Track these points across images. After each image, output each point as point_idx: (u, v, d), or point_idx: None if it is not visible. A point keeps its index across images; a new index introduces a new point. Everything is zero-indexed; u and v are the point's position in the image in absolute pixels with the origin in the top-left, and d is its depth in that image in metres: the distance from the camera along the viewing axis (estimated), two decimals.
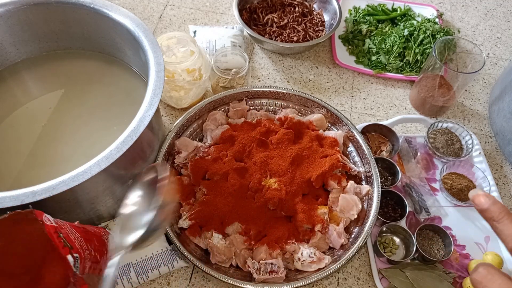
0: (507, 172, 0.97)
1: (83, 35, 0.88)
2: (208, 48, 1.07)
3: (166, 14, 1.23)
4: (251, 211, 0.78)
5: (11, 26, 0.82)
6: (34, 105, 0.85)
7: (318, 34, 1.13)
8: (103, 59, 0.91)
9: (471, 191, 0.46)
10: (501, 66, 1.19)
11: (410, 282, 0.77)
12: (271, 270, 0.73)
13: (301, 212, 0.78)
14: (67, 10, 0.82)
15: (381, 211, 0.85)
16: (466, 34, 1.27)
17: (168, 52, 0.93)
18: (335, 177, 0.83)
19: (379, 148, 0.95)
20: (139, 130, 0.65)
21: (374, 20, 1.20)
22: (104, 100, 0.86)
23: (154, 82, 0.71)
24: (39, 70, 0.89)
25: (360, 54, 1.14)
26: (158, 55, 0.74)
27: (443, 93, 0.99)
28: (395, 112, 1.05)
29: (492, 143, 1.02)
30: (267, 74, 1.10)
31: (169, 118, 0.99)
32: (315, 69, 1.12)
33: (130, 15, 0.80)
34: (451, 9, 1.33)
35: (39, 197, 0.57)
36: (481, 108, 1.09)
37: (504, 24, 1.30)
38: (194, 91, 0.93)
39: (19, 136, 0.80)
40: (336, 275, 0.81)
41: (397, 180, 0.87)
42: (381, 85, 1.10)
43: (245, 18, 1.13)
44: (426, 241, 0.82)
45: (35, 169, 0.76)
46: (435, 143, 0.95)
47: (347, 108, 1.05)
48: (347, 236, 0.79)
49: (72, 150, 0.79)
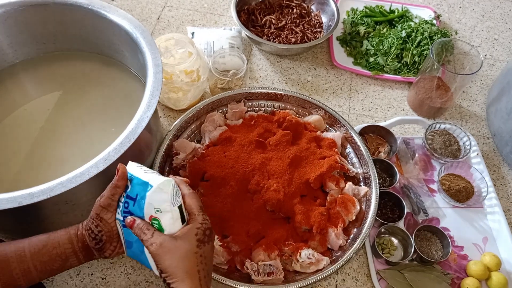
0: (504, 173, 0.97)
1: (81, 37, 0.87)
2: (206, 50, 1.07)
3: (164, 15, 1.23)
4: (250, 212, 0.78)
5: (9, 28, 0.82)
6: (32, 106, 0.85)
7: (316, 35, 1.13)
8: (101, 60, 0.91)
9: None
10: (499, 67, 1.19)
11: (408, 283, 0.77)
12: (269, 272, 0.73)
13: (300, 213, 0.78)
14: (65, 12, 0.82)
15: (379, 212, 0.85)
16: (464, 35, 1.27)
17: (166, 53, 0.93)
18: (333, 178, 0.83)
19: (377, 149, 0.95)
20: (137, 131, 0.65)
21: (372, 22, 1.20)
22: (102, 101, 0.86)
23: (152, 83, 0.71)
24: (37, 71, 0.89)
25: (358, 56, 1.14)
26: (156, 57, 0.74)
27: (440, 95, 1.00)
28: (393, 114, 1.05)
29: (490, 144, 1.02)
30: (265, 75, 1.10)
31: (167, 120, 0.99)
32: (313, 71, 1.12)
33: (128, 16, 0.79)
34: (449, 11, 1.33)
35: (37, 199, 0.57)
36: (478, 109, 1.09)
37: (501, 26, 1.30)
38: (192, 93, 0.93)
39: (16, 137, 0.80)
40: (335, 276, 0.81)
41: (395, 181, 0.87)
42: (379, 86, 1.11)
43: (243, 20, 1.13)
44: (424, 242, 0.83)
45: (33, 171, 0.76)
46: (433, 144, 0.95)
47: (345, 109, 1.05)
48: (345, 238, 0.79)
49: (70, 151, 0.79)
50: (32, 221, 0.67)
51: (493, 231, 0.87)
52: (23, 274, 0.53)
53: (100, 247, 0.55)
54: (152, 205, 0.52)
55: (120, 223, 0.55)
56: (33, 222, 0.67)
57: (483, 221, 0.88)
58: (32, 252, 0.53)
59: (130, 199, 0.54)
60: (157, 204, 0.52)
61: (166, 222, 0.52)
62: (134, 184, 0.54)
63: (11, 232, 0.73)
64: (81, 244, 0.56)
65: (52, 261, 0.54)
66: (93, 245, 0.55)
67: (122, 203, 0.55)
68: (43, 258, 0.53)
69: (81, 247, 0.56)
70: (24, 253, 0.53)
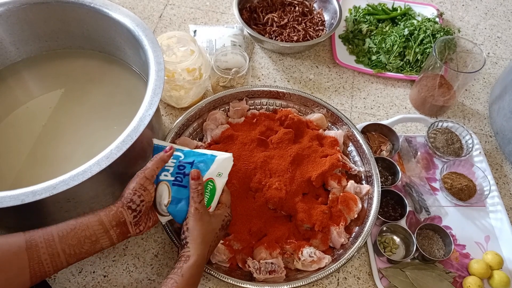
0: (507, 172, 0.97)
1: (83, 34, 0.87)
2: (208, 48, 1.07)
3: (166, 13, 1.23)
4: (251, 210, 0.78)
5: (11, 25, 0.82)
6: (34, 104, 0.85)
7: (318, 33, 1.13)
8: (103, 58, 0.91)
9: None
10: (502, 65, 1.19)
11: (410, 281, 0.77)
12: (271, 270, 0.73)
13: (301, 211, 0.78)
14: (67, 9, 0.82)
15: (381, 211, 0.85)
16: (467, 33, 1.26)
17: (168, 51, 0.93)
18: (335, 176, 0.83)
19: (379, 147, 0.95)
20: (139, 129, 0.65)
21: (374, 20, 1.20)
22: (104, 99, 0.86)
23: (154, 81, 0.71)
24: (39, 69, 0.89)
25: (360, 54, 1.14)
26: (158, 55, 0.74)
27: (443, 93, 0.99)
28: (395, 112, 1.05)
29: (492, 143, 1.02)
30: (267, 73, 1.10)
31: (169, 118, 0.99)
32: (315, 69, 1.12)
33: (130, 14, 0.79)
34: (452, 9, 1.33)
35: (39, 197, 0.57)
36: (481, 107, 1.08)
37: (504, 24, 1.30)
38: (194, 91, 0.93)
39: (19, 135, 0.80)
40: (336, 274, 0.81)
41: (397, 179, 0.87)
42: (381, 84, 1.10)
43: (245, 18, 1.13)
44: (426, 240, 0.82)
45: (35, 169, 0.76)
46: (435, 142, 0.95)
47: (347, 107, 1.05)
48: (347, 236, 0.79)
49: (72, 149, 0.79)
50: (34, 218, 0.67)
51: (495, 229, 0.87)
52: (52, 259, 0.54)
53: (137, 220, 0.61)
54: (217, 169, 0.66)
55: (169, 183, 0.65)
56: (35, 219, 0.67)
57: (485, 219, 0.88)
58: (60, 236, 0.55)
59: (186, 164, 0.66)
60: (221, 169, 0.66)
61: (219, 185, 0.67)
62: (187, 153, 0.67)
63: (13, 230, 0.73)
64: (115, 223, 0.59)
65: (81, 244, 0.56)
66: (131, 219, 0.60)
67: (173, 167, 0.66)
68: (72, 241, 0.55)
69: (115, 225, 0.59)
70: (52, 237, 0.54)
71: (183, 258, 0.62)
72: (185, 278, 0.59)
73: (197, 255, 0.62)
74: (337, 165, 0.83)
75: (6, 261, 0.50)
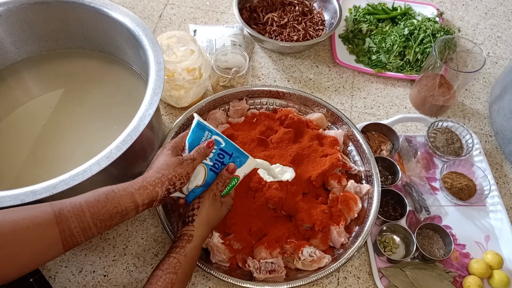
0: (507, 171, 0.97)
1: (83, 34, 0.88)
2: (208, 47, 1.07)
3: (166, 13, 1.23)
4: (251, 210, 0.78)
5: (11, 26, 0.82)
6: (34, 104, 0.85)
7: (318, 33, 1.13)
8: (103, 58, 0.91)
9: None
10: (502, 65, 1.19)
11: (410, 281, 0.77)
12: (271, 269, 0.73)
13: (301, 211, 0.78)
14: (67, 9, 0.82)
15: (381, 210, 0.85)
16: (467, 33, 1.26)
17: (168, 51, 0.93)
18: (335, 176, 0.83)
19: (379, 147, 0.95)
20: (139, 129, 0.65)
21: (374, 19, 1.20)
22: (104, 99, 0.86)
23: (154, 81, 0.71)
24: (39, 69, 0.89)
25: (360, 53, 1.14)
26: (158, 54, 0.74)
27: (443, 92, 0.99)
28: (395, 111, 1.05)
29: (492, 142, 1.02)
30: (267, 73, 1.10)
31: (169, 117, 0.99)
32: (315, 68, 1.12)
33: (130, 14, 0.80)
34: (452, 8, 1.33)
35: (39, 196, 0.57)
36: (481, 107, 1.08)
37: (504, 23, 1.30)
38: (194, 90, 0.93)
39: (19, 135, 0.80)
40: (336, 274, 0.81)
41: (397, 179, 0.87)
42: (381, 84, 1.10)
43: (245, 17, 1.13)
44: (426, 240, 0.82)
45: (35, 168, 0.76)
46: (435, 142, 0.95)
47: (347, 107, 1.05)
48: (347, 235, 0.79)
49: (72, 149, 0.79)
50: None
51: (495, 229, 0.87)
52: (83, 231, 0.54)
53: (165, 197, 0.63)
54: (245, 170, 0.70)
55: (207, 167, 0.67)
56: None
57: (485, 219, 0.88)
58: (91, 212, 0.55)
59: (226, 153, 0.68)
60: (247, 170, 0.70)
61: (239, 182, 0.71)
62: (227, 142, 0.67)
63: None
64: (148, 201, 0.59)
65: (112, 218, 0.57)
66: (162, 197, 0.61)
67: (213, 153, 0.67)
68: (103, 217, 0.55)
69: (147, 203, 0.60)
70: (83, 213, 0.54)
71: (185, 237, 0.63)
72: (188, 258, 0.62)
73: (199, 236, 0.64)
74: (337, 165, 0.83)
75: (36, 234, 0.51)
